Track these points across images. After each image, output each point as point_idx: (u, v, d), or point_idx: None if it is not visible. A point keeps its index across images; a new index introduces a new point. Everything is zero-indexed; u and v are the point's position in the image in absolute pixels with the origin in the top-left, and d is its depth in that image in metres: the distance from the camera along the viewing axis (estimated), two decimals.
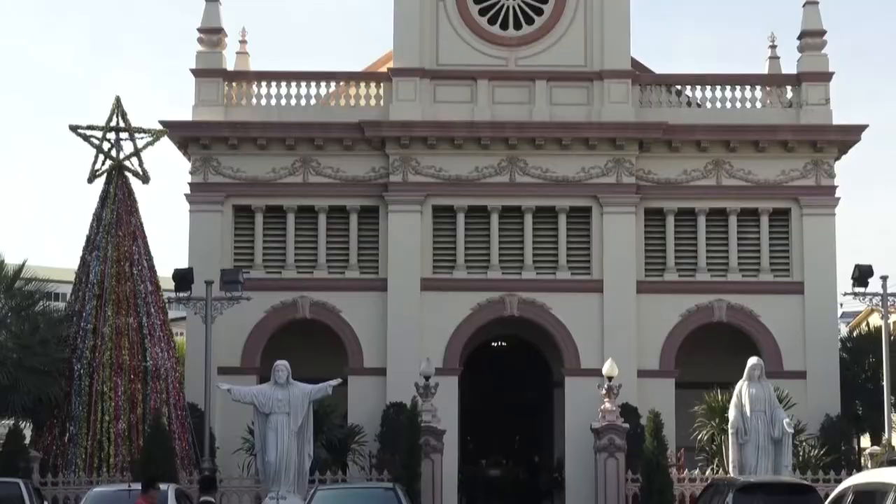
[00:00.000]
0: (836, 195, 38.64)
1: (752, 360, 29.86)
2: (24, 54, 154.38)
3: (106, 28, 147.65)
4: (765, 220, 38.67)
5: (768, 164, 38.56)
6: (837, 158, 38.90)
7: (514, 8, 39.36)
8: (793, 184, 38.51)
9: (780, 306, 38.20)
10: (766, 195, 38.56)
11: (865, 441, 40.77)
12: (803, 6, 39.54)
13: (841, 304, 40.54)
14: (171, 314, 37.94)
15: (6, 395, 31.33)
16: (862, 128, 38.52)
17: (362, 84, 39.65)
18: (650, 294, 38.11)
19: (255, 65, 42.23)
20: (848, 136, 38.58)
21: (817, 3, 39.44)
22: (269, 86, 39.55)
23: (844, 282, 35.37)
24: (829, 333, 38.44)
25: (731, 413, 29.72)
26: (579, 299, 38.11)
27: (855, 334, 44.11)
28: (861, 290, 34.14)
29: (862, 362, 39.10)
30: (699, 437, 34.31)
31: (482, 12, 39.28)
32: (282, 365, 28.69)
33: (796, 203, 38.44)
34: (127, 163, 33.96)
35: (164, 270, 35.21)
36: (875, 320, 47.06)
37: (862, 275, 33.97)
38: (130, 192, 33.94)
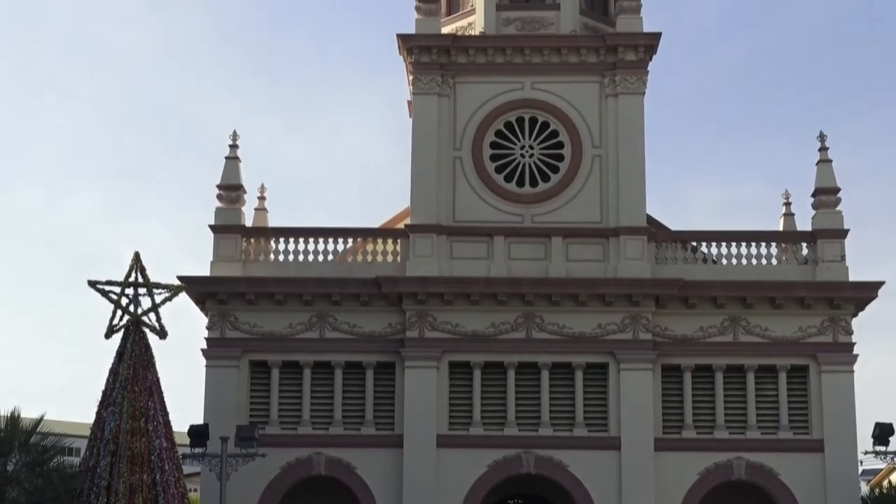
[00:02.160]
0: (854, 352, 38.50)
1: None
2: (45, 209, 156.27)
3: (126, 184, 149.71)
4: (783, 377, 38.47)
5: (785, 321, 38.49)
6: (854, 315, 38.86)
7: (529, 166, 39.83)
8: (810, 340, 38.40)
9: (799, 464, 37.81)
10: (784, 352, 38.41)
11: None
12: (817, 164, 39.90)
13: (861, 462, 40.13)
14: (186, 469, 37.60)
15: None
16: (878, 284, 38.53)
17: (379, 240, 39.92)
18: (668, 451, 37.77)
19: (273, 220, 42.64)
20: (864, 293, 38.57)
21: (830, 161, 39.81)
22: (286, 242, 39.82)
23: (865, 439, 35.12)
24: (850, 492, 37.87)
25: None
26: (597, 457, 37.78)
27: (876, 492, 43.51)
28: (882, 448, 33.83)
29: None
30: None
31: (498, 170, 39.75)
32: None
33: (814, 360, 38.27)
34: (144, 318, 34.05)
35: (180, 425, 35.12)
36: None
37: (882, 433, 33.72)
38: (147, 348, 33.96)
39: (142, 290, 34.21)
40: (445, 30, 41.54)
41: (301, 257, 39.64)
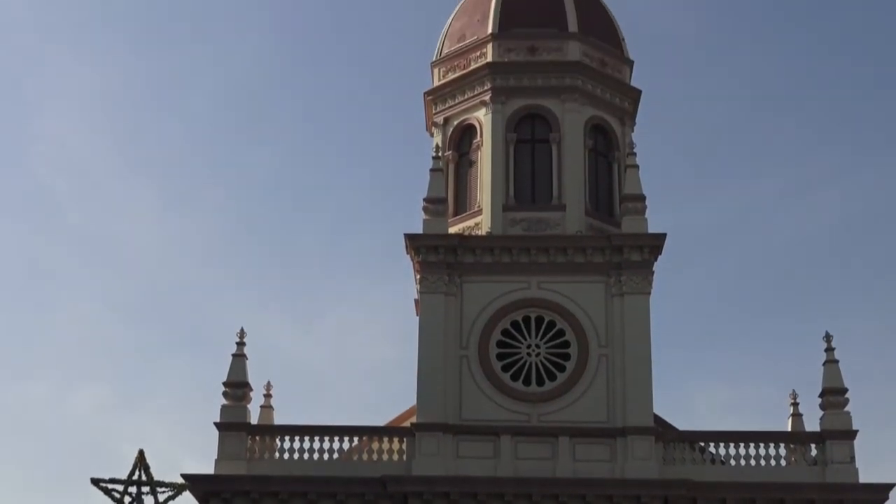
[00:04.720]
0: None
1: None
2: (49, 404, 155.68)
3: (130, 379, 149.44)
4: None
5: None
6: None
7: (536, 365, 39.82)
8: None
9: None
10: None
11: None
12: (824, 364, 39.88)
13: None
14: None
15: None
16: (889, 486, 38.10)
17: (385, 439, 39.63)
18: None
19: (278, 417, 42.44)
20: (875, 495, 38.09)
21: (837, 361, 39.80)
22: (291, 440, 39.55)
23: None
24: None
25: None
26: None
27: None
28: None
29: None
30: None
31: (505, 368, 39.73)
32: None
33: None
34: None
35: None
36: None
37: None
38: None
39: (145, 489, 33.72)
40: (452, 230, 42.02)
41: (306, 455, 39.32)
